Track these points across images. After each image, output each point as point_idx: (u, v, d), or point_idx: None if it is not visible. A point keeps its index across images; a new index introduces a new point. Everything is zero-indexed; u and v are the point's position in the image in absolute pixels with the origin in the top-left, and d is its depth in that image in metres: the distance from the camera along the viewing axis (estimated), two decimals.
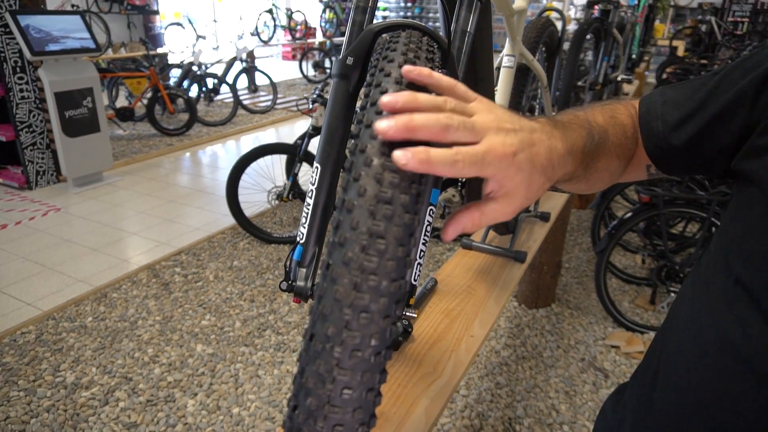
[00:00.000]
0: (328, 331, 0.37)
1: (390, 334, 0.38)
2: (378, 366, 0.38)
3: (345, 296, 0.36)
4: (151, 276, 2.94)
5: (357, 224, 0.37)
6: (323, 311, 0.37)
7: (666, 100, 0.64)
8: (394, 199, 0.38)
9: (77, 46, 4.05)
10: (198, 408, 2.01)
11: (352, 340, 0.36)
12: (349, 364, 0.36)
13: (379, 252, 0.37)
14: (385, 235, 0.37)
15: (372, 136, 0.40)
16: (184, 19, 10.21)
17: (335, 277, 0.37)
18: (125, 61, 7.15)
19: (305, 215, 0.62)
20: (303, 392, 0.38)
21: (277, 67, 11.23)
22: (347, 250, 0.37)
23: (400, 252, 0.38)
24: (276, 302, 2.71)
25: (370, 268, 0.37)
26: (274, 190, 3.32)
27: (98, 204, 3.97)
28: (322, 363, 0.37)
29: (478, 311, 1.23)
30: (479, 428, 1.95)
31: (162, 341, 2.39)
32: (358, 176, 0.38)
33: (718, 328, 0.54)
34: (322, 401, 0.37)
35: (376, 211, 0.37)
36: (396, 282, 0.38)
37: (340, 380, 0.36)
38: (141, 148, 5.36)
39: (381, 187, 0.38)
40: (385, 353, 0.38)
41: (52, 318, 2.54)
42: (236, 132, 6.16)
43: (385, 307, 0.37)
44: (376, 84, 0.43)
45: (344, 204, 0.38)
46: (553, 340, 2.48)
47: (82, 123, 4.14)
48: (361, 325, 0.36)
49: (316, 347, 0.37)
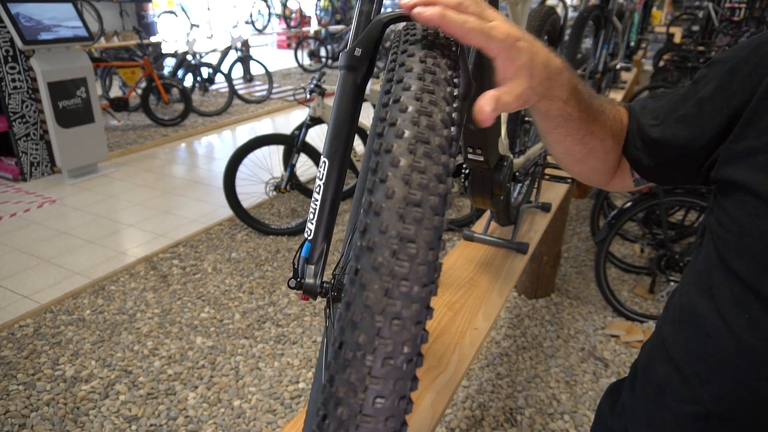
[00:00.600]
0: (359, 339, 0.35)
1: (422, 340, 0.37)
2: (410, 373, 0.37)
3: (376, 303, 0.35)
4: (148, 268, 2.93)
5: (386, 228, 0.36)
6: (353, 318, 0.36)
7: (645, 106, 0.68)
8: (424, 201, 0.37)
9: (70, 34, 3.99)
10: (199, 401, 2.01)
11: (385, 348, 0.35)
12: (382, 372, 0.35)
13: (410, 256, 0.36)
14: (416, 238, 0.36)
15: (398, 135, 0.38)
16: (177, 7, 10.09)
17: (365, 283, 0.36)
18: (118, 50, 7.07)
19: (313, 211, 0.61)
20: (333, 401, 0.37)
21: (273, 56, 11.13)
22: (377, 255, 0.36)
23: (431, 256, 0.37)
24: (275, 294, 2.71)
25: (402, 273, 0.35)
26: (271, 181, 3.30)
27: (94, 195, 3.94)
28: (353, 372, 0.36)
29: (482, 304, 1.22)
30: (481, 419, 1.96)
31: (161, 334, 2.38)
32: (385, 177, 0.37)
33: (732, 333, 0.53)
34: (354, 411, 0.36)
35: (406, 213, 0.36)
36: (427, 287, 0.37)
37: (372, 389, 0.35)
38: (136, 139, 5.31)
39: (410, 189, 0.36)
40: (417, 360, 0.37)
41: (50, 311, 2.52)
42: (232, 122, 6.12)
43: (417, 313, 0.36)
44: (398, 80, 0.42)
45: (371, 206, 0.37)
46: (553, 330, 2.48)
47: (76, 113, 4.09)
48: (394, 333, 0.35)
49: (347, 355, 0.36)
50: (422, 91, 0.41)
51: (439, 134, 0.39)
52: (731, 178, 0.55)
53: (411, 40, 0.46)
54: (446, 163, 0.39)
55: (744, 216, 0.53)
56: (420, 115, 0.39)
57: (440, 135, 0.39)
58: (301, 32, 10.56)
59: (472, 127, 1.04)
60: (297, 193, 3.81)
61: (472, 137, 1.06)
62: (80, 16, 4.12)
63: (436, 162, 0.38)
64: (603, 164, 0.70)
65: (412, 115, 0.39)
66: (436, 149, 0.39)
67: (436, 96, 0.41)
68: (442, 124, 0.40)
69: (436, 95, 0.41)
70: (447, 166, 0.39)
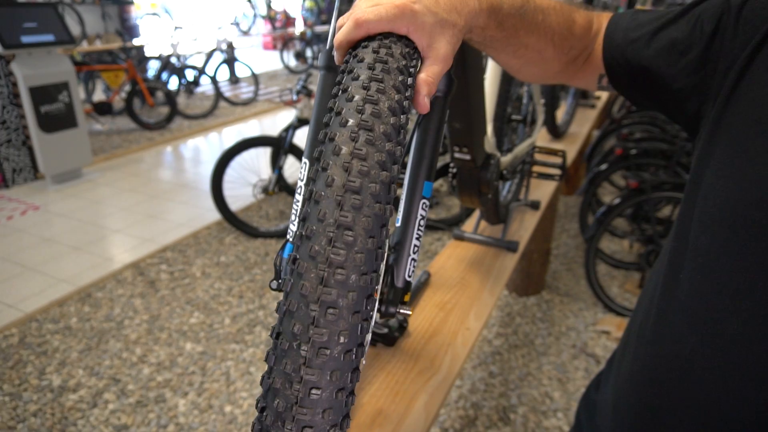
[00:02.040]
0: (295, 329, 0.35)
1: (362, 331, 0.36)
2: (349, 365, 0.36)
3: (311, 291, 0.35)
4: (136, 274, 2.89)
5: (324, 216, 0.35)
6: (290, 308, 0.36)
7: (635, 18, 0.67)
8: (363, 188, 0.36)
9: (51, 38, 3.93)
10: (190, 407, 1.98)
11: (320, 338, 0.34)
12: (317, 362, 0.35)
13: (347, 244, 0.35)
14: (354, 226, 0.35)
15: (342, 123, 0.38)
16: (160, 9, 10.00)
17: (302, 272, 0.35)
18: (101, 54, 6.98)
19: (295, 212, 0.60)
20: (271, 393, 0.36)
21: (258, 57, 11.07)
22: (313, 243, 0.35)
23: (370, 244, 0.36)
24: (265, 297, 2.68)
25: (338, 261, 0.35)
26: (259, 183, 3.27)
27: (78, 201, 3.88)
28: (289, 362, 0.35)
29: (473, 303, 1.22)
30: (474, 418, 1.95)
31: (150, 340, 2.34)
32: (326, 165, 0.37)
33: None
34: (290, 402, 0.35)
35: (344, 201, 0.35)
36: (366, 276, 0.36)
37: (307, 380, 0.35)
38: (121, 143, 5.25)
39: (349, 176, 0.36)
40: (357, 351, 0.36)
41: (35, 320, 2.48)
42: (218, 125, 6.07)
43: (354, 302, 0.35)
44: (349, 70, 0.42)
45: (312, 195, 0.37)
46: (545, 327, 2.49)
47: (59, 118, 4.03)
48: (329, 322, 0.35)
49: (283, 346, 0.35)
50: (370, 80, 0.40)
51: (385, 122, 0.39)
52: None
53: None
54: (391, 150, 0.39)
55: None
56: (365, 103, 0.39)
57: (386, 123, 0.39)
58: (287, 33, 10.51)
59: (458, 126, 1.03)
60: (285, 195, 3.79)
61: (458, 136, 1.06)
62: (61, 19, 4.07)
63: (379, 149, 0.38)
64: (544, 71, 0.71)
65: (357, 104, 0.39)
66: (381, 136, 0.38)
67: (385, 84, 0.40)
68: (389, 111, 0.39)
69: (384, 84, 0.40)
70: (392, 153, 0.38)
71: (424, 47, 0.48)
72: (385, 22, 0.45)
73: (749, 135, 0.51)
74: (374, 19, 0.45)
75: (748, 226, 0.49)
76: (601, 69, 0.70)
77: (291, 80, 8.62)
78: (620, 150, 2.92)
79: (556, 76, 0.74)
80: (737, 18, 0.55)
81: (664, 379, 0.57)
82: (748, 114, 0.52)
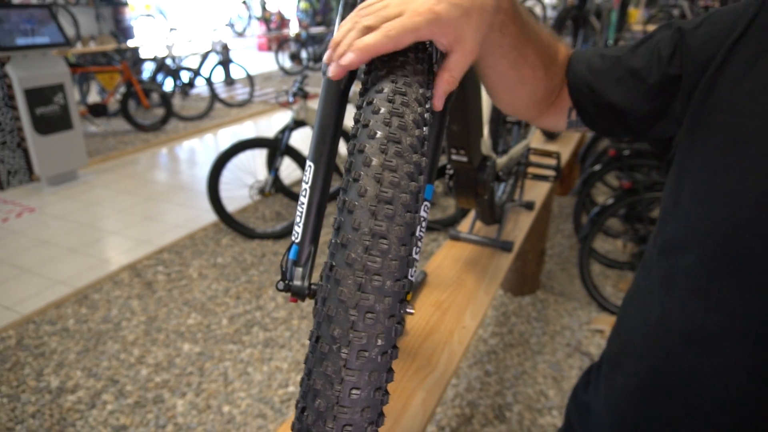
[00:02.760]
0: (335, 333, 0.37)
1: (396, 333, 0.38)
2: (385, 365, 0.38)
3: (350, 297, 0.36)
4: (133, 276, 2.89)
5: (359, 225, 0.37)
6: (328, 313, 0.37)
7: (596, 52, 0.68)
8: (395, 198, 0.38)
9: (46, 40, 3.93)
10: (188, 408, 1.99)
11: (359, 341, 0.36)
12: (357, 364, 0.36)
13: (382, 252, 0.37)
14: (388, 235, 0.37)
15: (370, 135, 0.39)
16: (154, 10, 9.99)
17: (339, 279, 0.37)
18: (96, 55, 6.96)
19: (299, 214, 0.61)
20: (311, 394, 0.38)
21: (254, 58, 11.06)
22: (350, 251, 0.37)
23: (403, 251, 0.38)
24: (262, 298, 2.70)
25: (374, 268, 0.37)
26: (255, 184, 3.29)
27: (74, 203, 3.88)
28: (329, 364, 0.37)
29: (469, 302, 1.24)
30: (470, 416, 1.97)
31: (148, 342, 2.35)
32: (357, 176, 0.38)
33: (662, 308, 0.58)
34: (331, 402, 0.37)
35: (378, 211, 0.37)
36: (399, 282, 0.38)
37: (348, 381, 0.36)
38: (116, 145, 5.25)
39: (381, 187, 0.38)
40: (392, 352, 0.38)
41: (33, 322, 2.48)
42: (214, 126, 6.07)
43: (390, 306, 0.37)
44: (373, 81, 0.43)
45: (345, 205, 0.38)
46: (540, 326, 2.51)
47: (54, 120, 4.03)
48: (367, 326, 0.36)
49: (323, 349, 0.37)
50: (394, 93, 0.42)
51: (411, 134, 0.41)
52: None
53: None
54: (418, 162, 0.40)
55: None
56: (392, 116, 0.40)
57: (412, 135, 0.41)
58: (282, 35, 10.52)
59: (455, 128, 1.05)
60: (282, 197, 3.80)
61: (456, 138, 1.08)
62: (56, 20, 4.06)
63: (407, 161, 0.40)
64: (531, 96, 0.69)
65: (384, 116, 0.40)
66: (408, 148, 0.40)
67: (408, 98, 0.42)
68: (414, 124, 0.41)
69: (408, 97, 0.42)
70: (419, 165, 0.40)
71: (451, 43, 0.47)
72: (411, 33, 0.44)
73: (725, 154, 0.52)
74: (400, 33, 0.44)
75: (732, 246, 0.50)
76: (568, 103, 0.70)
77: (286, 82, 8.62)
78: (613, 151, 2.95)
79: (535, 106, 0.72)
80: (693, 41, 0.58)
81: (664, 396, 0.58)
82: (721, 134, 0.53)
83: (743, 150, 0.51)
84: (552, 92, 0.70)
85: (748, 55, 0.54)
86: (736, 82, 0.54)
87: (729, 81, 0.54)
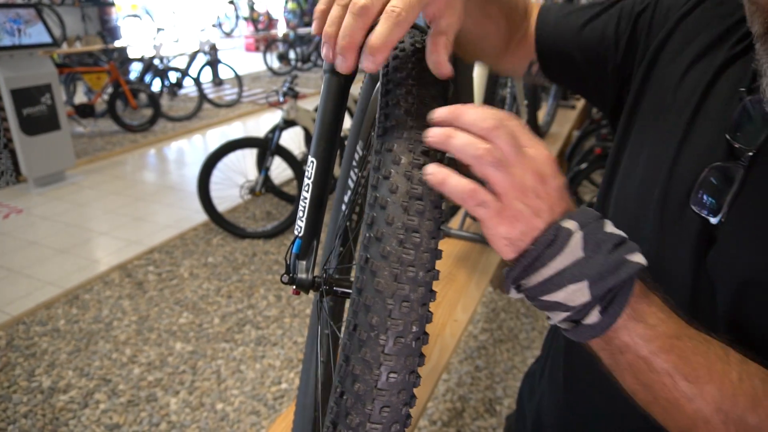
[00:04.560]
0: (373, 321, 0.39)
1: (427, 320, 0.41)
2: (418, 350, 0.40)
3: (387, 287, 0.39)
4: (123, 276, 2.89)
5: (393, 220, 0.39)
6: (366, 302, 0.40)
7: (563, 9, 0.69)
8: (425, 194, 0.40)
9: (33, 40, 3.90)
10: (181, 406, 2.00)
11: (396, 328, 0.39)
12: (394, 350, 0.39)
13: (414, 245, 0.39)
14: (419, 229, 0.40)
15: (397, 135, 0.42)
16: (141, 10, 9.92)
17: (375, 270, 0.39)
18: (82, 56, 6.91)
19: (302, 209, 0.63)
20: (350, 378, 0.40)
21: (242, 58, 11.03)
22: (385, 245, 0.39)
23: (433, 244, 0.41)
24: (254, 297, 2.71)
25: (408, 260, 0.39)
26: (246, 184, 3.29)
27: (63, 204, 3.85)
28: (368, 350, 0.39)
29: (460, 296, 1.27)
30: (461, 410, 2.01)
31: (140, 341, 2.36)
32: (388, 174, 0.41)
33: None
34: (370, 386, 0.39)
35: (410, 206, 0.40)
36: (430, 272, 0.40)
37: (386, 365, 0.39)
38: (104, 146, 5.22)
39: (412, 184, 0.40)
40: (423, 338, 0.41)
41: (23, 323, 2.47)
42: (202, 126, 6.05)
43: (423, 295, 0.40)
44: (395, 83, 0.46)
45: (377, 201, 0.41)
46: (529, 322, 2.55)
47: (42, 121, 4.00)
48: (403, 314, 0.39)
49: (362, 336, 0.40)
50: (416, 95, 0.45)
51: None
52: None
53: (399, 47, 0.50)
54: (441, 159, 0.44)
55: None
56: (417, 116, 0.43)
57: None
58: (270, 35, 10.49)
59: None
60: (272, 196, 3.81)
61: None
62: (43, 20, 4.04)
63: (432, 158, 0.43)
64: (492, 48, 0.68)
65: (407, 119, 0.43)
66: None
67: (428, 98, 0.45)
68: None
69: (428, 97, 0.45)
70: (442, 162, 0.43)
71: (442, 8, 0.43)
72: (417, 6, 0.40)
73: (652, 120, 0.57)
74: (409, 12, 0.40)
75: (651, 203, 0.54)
76: (530, 56, 0.71)
77: (274, 82, 8.61)
78: (600, 149, 3.01)
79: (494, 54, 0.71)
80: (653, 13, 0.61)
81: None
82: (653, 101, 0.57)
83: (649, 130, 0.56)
84: (512, 41, 0.70)
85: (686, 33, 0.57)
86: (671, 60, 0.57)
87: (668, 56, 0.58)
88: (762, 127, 0.46)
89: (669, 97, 0.56)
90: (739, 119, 0.48)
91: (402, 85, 0.45)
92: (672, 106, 0.55)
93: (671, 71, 0.57)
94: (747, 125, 0.48)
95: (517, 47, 0.71)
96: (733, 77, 0.52)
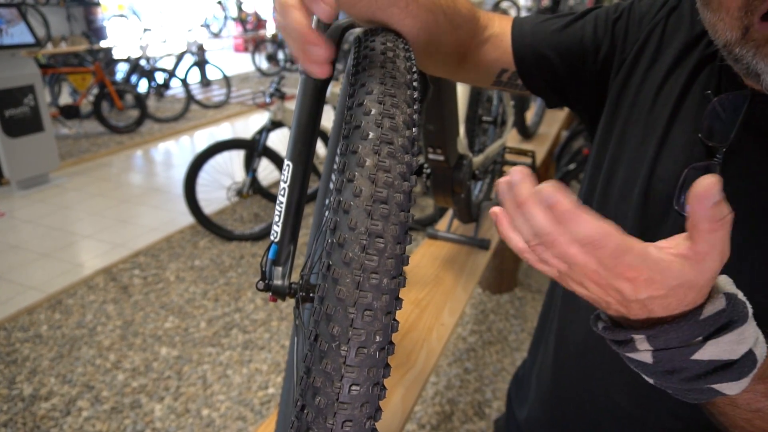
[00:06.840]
0: (334, 331, 0.37)
1: (392, 329, 0.39)
2: (382, 361, 0.38)
3: (349, 296, 0.37)
4: (108, 280, 2.84)
5: (356, 224, 0.38)
6: (327, 311, 0.38)
7: (538, 18, 0.70)
8: (390, 198, 0.38)
9: (15, 40, 3.84)
10: (166, 412, 1.97)
11: (358, 338, 0.37)
12: (356, 361, 0.37)
13: (378, 251, 0.37)
14: (384, 234, 0.38)
15: (362, 137, 0.40)
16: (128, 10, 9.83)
17: (337, 277, 0.37)
18: (67, 56, 6.82)
19: (278, 213, 0.61)
20: (311, 391, 0.38)
21: (230, 59, 10.96)
22: (347, 251, 0.37)
23: (398, 249, 0.39)
24: (241, 300, 2.68)
25: (371, 267, 0.37)
26: (233, 186, 3.26)
27: (46, 207, 3.79)
28: (329, 362, 0.37)
29: (447, 300, 1.25)
30: (450, 413, 1.99)
31: (124, 346, 2.32)
32: (352, 177, 0.39)
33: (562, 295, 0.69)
34: (332, 399, 0.37)
35: (374, 210, 0.38)
36: (395, 279, 0.38)
37: (348, 377, 0.37)
38: (89, 147, 5.15)
39: (376, 187, 0.38)
40: (388, 348, 0.39)
41: (3, 328, 2.42)
42: (190, 128, 6.00)
43: (387, 303, 0.38)
44: (361, 84, 0.44)
45: (340, 205, 0.39)
46: (518, 324, 2.55)
47: (24, 122, 3.93)
48: (366, 323, 0.37)
49: (323, 347, 0.38)
50: (384, 95, 0.43)
51: (402, 135, 0.41)
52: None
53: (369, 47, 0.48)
54: (409, 162, 0.41)
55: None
56: (383, 118, 0.41)
57: (403, 136, 0.41)
58: (258, 36, 10.44)
59: (432, 128, 1.07)
60: (259, 198, 3.77)
61: (432, 137, 1.09)
62: (26, 20, 3.97)
63: (399, 161, 0.40)
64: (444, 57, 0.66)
65: (375, 118, 0.41)
66: (400, 149, 0.41)
67: (398, 99, 0.43)
68: (404, 125, 0.42)
69: (397, 98, 0.43)
70: (410, 165, 0.41)
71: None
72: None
73: (632, 124, 0.59)
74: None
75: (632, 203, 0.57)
76: (501, 64, 0.70)
77: (263, 83, 8.56)
78: (588, 150, 3.01)
79: (455, 66, 0.69)
80: (627, 20, 0.63)
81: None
82: (632, 106, 0.60)
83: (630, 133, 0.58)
84: (469, 50, 0.68)
85: (661, 39, 0.59)
86: (648, 67, 0.59)
87: (645, 62, 0.60)
88: (730, 125, 0.50)
89: (648, 101, 0.59)
90: (710, 120, 0.52)
91: (368, 84, 0.43)
92: (651, 110, 0.58)
93: (649, 76, 0.59)
94: (717, 124, 0.51)
95: (478, 56, 0.69)
96: (704, 81, 0.55)
